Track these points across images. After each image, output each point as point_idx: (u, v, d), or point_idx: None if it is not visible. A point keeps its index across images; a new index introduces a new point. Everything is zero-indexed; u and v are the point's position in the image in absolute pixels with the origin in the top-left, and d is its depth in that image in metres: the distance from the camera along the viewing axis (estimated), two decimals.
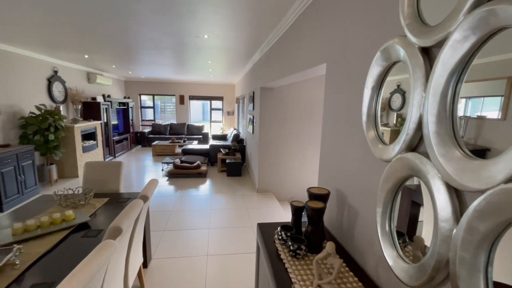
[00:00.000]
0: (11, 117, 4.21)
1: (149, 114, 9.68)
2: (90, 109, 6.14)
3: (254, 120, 4.73)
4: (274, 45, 3.20)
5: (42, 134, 4.43)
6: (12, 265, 1.33)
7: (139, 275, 2.14)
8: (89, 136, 5.82)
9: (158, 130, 8.89)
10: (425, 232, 0.89)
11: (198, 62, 5.20)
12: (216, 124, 9.93)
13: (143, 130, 8.90)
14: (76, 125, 5.14)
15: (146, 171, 5.86)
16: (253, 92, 4.74)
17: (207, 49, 3.91)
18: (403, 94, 1.04)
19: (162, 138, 8.58)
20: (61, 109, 5.27)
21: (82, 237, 1.65)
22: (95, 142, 5.93)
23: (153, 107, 9.55)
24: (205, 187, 4.77)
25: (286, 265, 1.26)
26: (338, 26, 1.53)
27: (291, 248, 1.31)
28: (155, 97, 9.48)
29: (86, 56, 4.81)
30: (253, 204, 3.99)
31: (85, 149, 5.50)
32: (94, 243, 1.59)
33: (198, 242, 2.87)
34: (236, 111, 9.22)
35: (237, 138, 6.29)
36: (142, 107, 9.48)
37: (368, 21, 1.21)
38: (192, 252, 2.69)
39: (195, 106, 10.13)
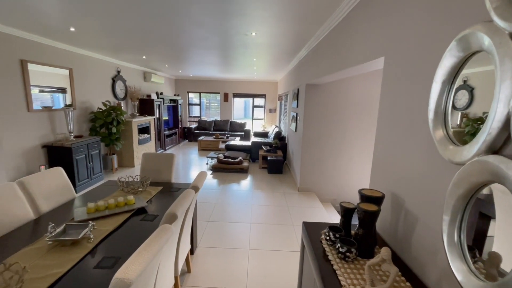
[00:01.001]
0: (83, 112, 4.85)
1: (195, 110, 10.24)
2: (145, 106, 6.73)
3: (298, 117, 4.66)
4: (322, 40, 3.10)
5: (106, 127, 5.01)
6: (87, 239, 1.53)
7: (187, 260, 2.29)
8: (144, 130, 6.39)
9: (203, 126, 9.35)
10: (497, 250, 0.78)
11: (243, 60, 5.31)
12: (257, 121, 10.05)
13: (190, 126, 9.46)
14: (133, 120, 5.69)
15: (192, 164, 6.22)
16: (298, 89, 4.66)
17: (254, 46, 3.96)
18: (471, 91, 0.91)
19: (207, 133, 9.02)
20: (122, 105, 5.89)
21: (141, 220, 1.83)
22: (149, 135, 6.49)
23: (200, 104, 10.07)
24: (246, 182, 4.88)
25: (335, 267, 1.22)
26: (400, 14, 1.41)
27: (340, 250, 1.26)
28: (202, 94, 9.98)
29: (144, 57, 5.28)
30: (294, 202, 3.95)
31: (140, 142, 6.06)
32: (151, 226, 1.74)
33: (240, 235, 2.95)
34: (278, 109, 9.21)
35: (278, 136, 6.28)
36: (189, 104, 10.08)
37: (440, 7, 1.08)
38: (235, 244, 2.78)
39: (238, 104, 10.39)
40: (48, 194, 2.00)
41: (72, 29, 3.26)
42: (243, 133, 9.01)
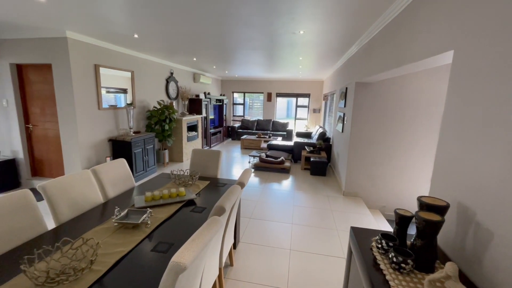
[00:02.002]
0: (141, 110, 5.36)
1: (239, 110, 10.52)
2: (194, 105, 7.16)
3: (345, 118, 4.45)
4: (376, 36, 2.90)
5: (160, 125, 5.46)
6: (145, 224, 1.69)
7: (230, 254, 2.37)
8: (192, 128, 6.81)
9: (246, 125, 9.56)
10: None
11: (289, 59, 5.27)
12: (300, 121, 9.89)
13: (234, 125, 9.76)
14: (183, 118, 6.09)
15: (234, 161, 6.40)
16: (346, 88, 4.45)
17: (301, 45, 3.91)
18: None
19: (249, 132, 9.20)
20: (173, 104, 6.36)
21: (190, 211, 1.95)
22: (196, 133, 6.89)
23: (243, 104, 10.33)
24: (288, 183, 4.84)
25: (387, 277, 1.13)
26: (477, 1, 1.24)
27: (395, 260, 1.17)
28: (246, 94, 10.22)
29: (195, 59, 5.62)
30: (338, 206, 3.79)
31: (189, 139, 6.47)
32: (200, 218, 1.85)
33: (281, 235, 2.95)
34: (322, 109, 8.92)
35: (323, 137, 6.09)
36: (234, 104, 10.41)
37: None
38: (276, 243, 2.78)
39: (281, 103, 10.36)
40: (114, 182, 2.27)
41: (135, 35, 3.63)
42: (285, 133, 8.96)
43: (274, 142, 6.70)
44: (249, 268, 2.37)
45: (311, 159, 5.26)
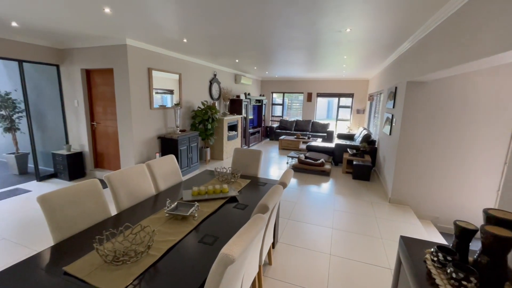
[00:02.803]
0: (187, 110, 5.71)
1: (277, 110, 10.53)
2: (235, 105, 7.37)
3: (394, 119, 4.16)
4: (434, 30, 2.65)
5: (203, 124, 5.74)
6: (193, 217, 1.80)
7: (269, 253, 2.40)
8: (232, 127, 7.02)
9: (284, 126, 9.53)
10: None
11: (332, 58, 5.11)
12: (342, 122, 9.50)
13: (272, 125, 9.79)
14: (225, 118, 6.31)
15: (272, 162, 6.43)
16: (396, 88, 4.15)
17: (346, 43, 3.76)
18: None
19: (287, 133, 9.15)
20: (216, 104, 6.63)
21: (233, 208, 2.03)
22: (236, 132, 7.08)
23: (282, 104, 10.30)
24: (328, 186, 4.69)
25: None
26: None
27: (454, 276, 1.06)
28: (285, 94, 10.17)
29: (237, 60, 5.78)
30: (383, 214, 3.56)
31: (229, 138, 6.68)
32: (242, 214, 1.91)
33: (321, 239, 2.88)
34: (367, 109, 8.45)
35: (367, 139, 5.76)
36: (273, 104, 10.44)
37: None
38: (315, 246, 2.72)
39: (321, 104, 10.08)
40: (164, 176, 2.46)
41: (184, 40, 3.88)
42: (325, 134, 8.70)
43: (313, 143, 6.56)
44: (287, 268, 2.36)
45: (354, 163, 5.02)
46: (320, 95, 9.55)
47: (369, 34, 3.25)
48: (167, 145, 4.84)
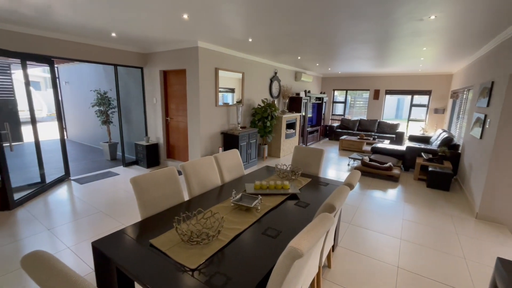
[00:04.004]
0: (247, 108, 5.91)
1: (339, 109, 10.01)
2: (294, 103, 7.30)
3: (487, 120, 3.49)
4: None
5: (262, 121, 5.86)
6: (256, 209, 1.86)
7: (328, 256, 2.31)
8: (290, 125, 6.97)
9: (346, 125, 8.99)
10: None
11: (408, 51, 4.58)
12: (415, 123, 8.45)
13: (332, 124, 9.36)
14: (283, 116, 6.32)
15: (331, 162, 6.14)
16: (492, 82, 3.47)
17: (428, 33, 3.31)
18: None
19: (349, 133, 8.61)
20: (275, 102, 6.69)
21: (294, 205, 2.01)
22: (294, 131, 7.01)
23: (344, 102, 9.74)
24: (395, 192, 4.25)
25: None
26: None
27: None
28: (348, 92, 9.58)
29: (299, 58, 5.70)
30: (468, 231, 3.04)
31: (287, 136, 6.66)
32: (304, 212, 1.88)
33: (386, 248, 2.63)
34: (449, 108, 7.32)
35: (448, 143, 4.99)
36: (334, 102, 9.97)
37: None
38: (379, 255, 2.50)
39: (389, 102, 9.16)
40: (229, 169, 2.61)
41: (250, 39, 4.01)
42: (394, 135, 7.88)
43: (380, 145, 6.01)
44: (347, 273, 2.23)
45: (429, 169, 4.41)
46: (389, 92, 8.68)
47: (460, 20, 2.78)
48: (229, 140, 5.11)
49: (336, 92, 9.89)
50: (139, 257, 1.30)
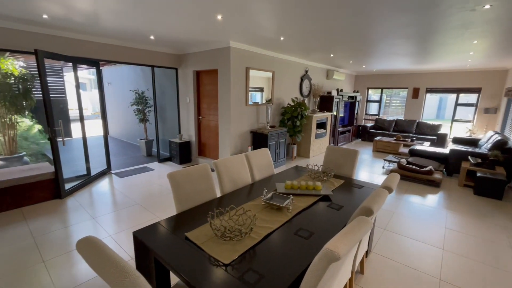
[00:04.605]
0: (277, 107, 5.88)
1: (373, 108, 9.52)
2: (325, 102, 7.10)
3: None
4: None
5: (292, 121, 5.78)
6: (287, 209, 1.84)
7: (361, 261, 2.21)
8: (321, 125, 6.79)
9: (381, 126, 8.53)
10: None
11: (456, 45, 4.20)
12: (460, 124, 7.73)
13: (365, 124, 8.94)
14: (314, 115, 6.17)
15: (364, 164, 5.86)
16: None
17: (480, 24, 3.00)
18: None
19: (384, 134, 8.16)
20: (305, 101, 6.56)
21: (327, 206, 1.95)
22: (325, 131, 6.82)
23: (379, 101, 9.24)
24: (436, 198, 3.92)
25: None
26: None
27: None
28: (383, 90, 9.07)
29: (332, 55, 5.53)
30: None
31: (317, 136, 6.50)
32: (337, 215, 1.81)
33: (425, 258, 2.44)
34: (502, 108, 6.58)
35: (501, 146, 4.49)
36: (367, 101, 9.51)
37: None
38: (417, 265, 2.33)
39: (430, 101, 8.50)
40: (259, 167, 2.61)
41: (281, 38, 3.98)
42: (435, 137, 7.29)
43: (419, 147, 5.60)
44: (381, 281, 2.11)
45: (478, 174, 4.00)
46: (430, 90, 8.04)
47: None
48: (258, 139, 5.13)
49: (370, 91, 9.42)
50: (175, 249, 1.35)
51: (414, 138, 7.26)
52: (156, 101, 5.58)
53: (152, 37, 4.06)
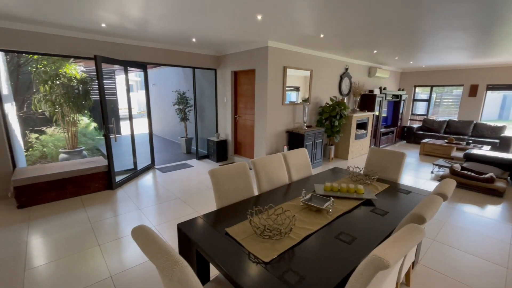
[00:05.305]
0: (314, 106, 5.73)
1: (420, 108, 8.75)
2: (366, 101, 6.72)
3: None
4: None
5: (330, 120, 5.59)
6: (327, 211, 1.78)
7: (407, 273, 2.04)
8: (361, 125, 6.46)
9: (429, 127, 7.80)
10: None
11: None
12: None
13: (411, 125, 8.26)
14: (354, 115, 5.89)
15: (409, 168, 5.42)
16: None
17: None
18: None
19: (433, 136, 7.44)
20: (345, 100, 6.29)
21: (370, 211, 1.84)
22: (365, 131, 6.46)
23: (428, 100, 8.45)
24: (499, 210, 3.46)
25: None
26: None
27: None
28: (434, 88, 8.28)
29: (375, 51, 5.21)
30: None
31: (357, 137, 6.19)
32: (382, 221, 1.70)
33: (485, 276, 2.16)
34: None
35: None
36: (414, 100, 8.77)
37: None
38: (473, 283, 2.08)
39: (490, 100, 7.53)
40: (297, 167, 2.57)
41: (321, 35, 3.86)
42: (497, 140, 6.44)
43: (476, 151, 5.00)
44: None
45: None
46: (492, 87, 7.11)
47: None
48: (294, 139, 5.06)
49: (417, 89, 8.67)
50: (216, 243, 1.39)
51: (471, 141, 6.48)
52: (196, 101, 5.84)
53: (194, 40, 4.25)
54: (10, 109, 4.03)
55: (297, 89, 5.36)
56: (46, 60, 5.20)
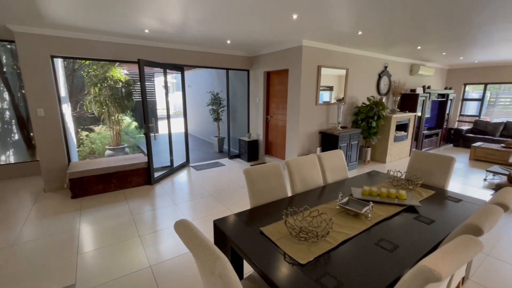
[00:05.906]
0: (350, 106, 5.50)
1: (470, 108, 7.93)
2: (407, 101, 6.27)
3: None
4: None
5: (367, 121, 5.32)
6: (365, 216, 1.69)
7: None
8: (401, 127, 6.04)
9: (482, 129, 7.03)
10: None
11: None
12: None
13: (459, 127, 7.52)
14: (393, 116, 5.53)
15: (457, 175, 4.92)
16: None
17: None
18: None
19: (486, 139, 6.69)
20: (383, 100, 5.94)
21: (414, 219, 1.71)
22: (406, 133, 6.04)
23: (481, 100, 7.62)
24: None
25: None
26: None
27: None
28: (487, 86, 7.44)
29: (419, 47, 4.84)
30: None
31: (396, 139, 5.81)
32: (428, 230, 1.57)
33: None
34: None
35: None
36: (463, 100, 7.97)
37: None
38: None
39: None
40: (332, 169, 2.49)
41: (359, 32, 3.69)
42: None
43: None
44: None
45: None
46: None
47: None
48: (327, 140, 4.91)
49: (468, 87, 7.87)
50: (250, 241, 1.40)
51: None
52: (229, 102, 5.96)
53: (228, 41, 4.35)
54: (66, 110, 4.50)
55: (330, 88, 5.19)
56: (96, 64, 5.73)
